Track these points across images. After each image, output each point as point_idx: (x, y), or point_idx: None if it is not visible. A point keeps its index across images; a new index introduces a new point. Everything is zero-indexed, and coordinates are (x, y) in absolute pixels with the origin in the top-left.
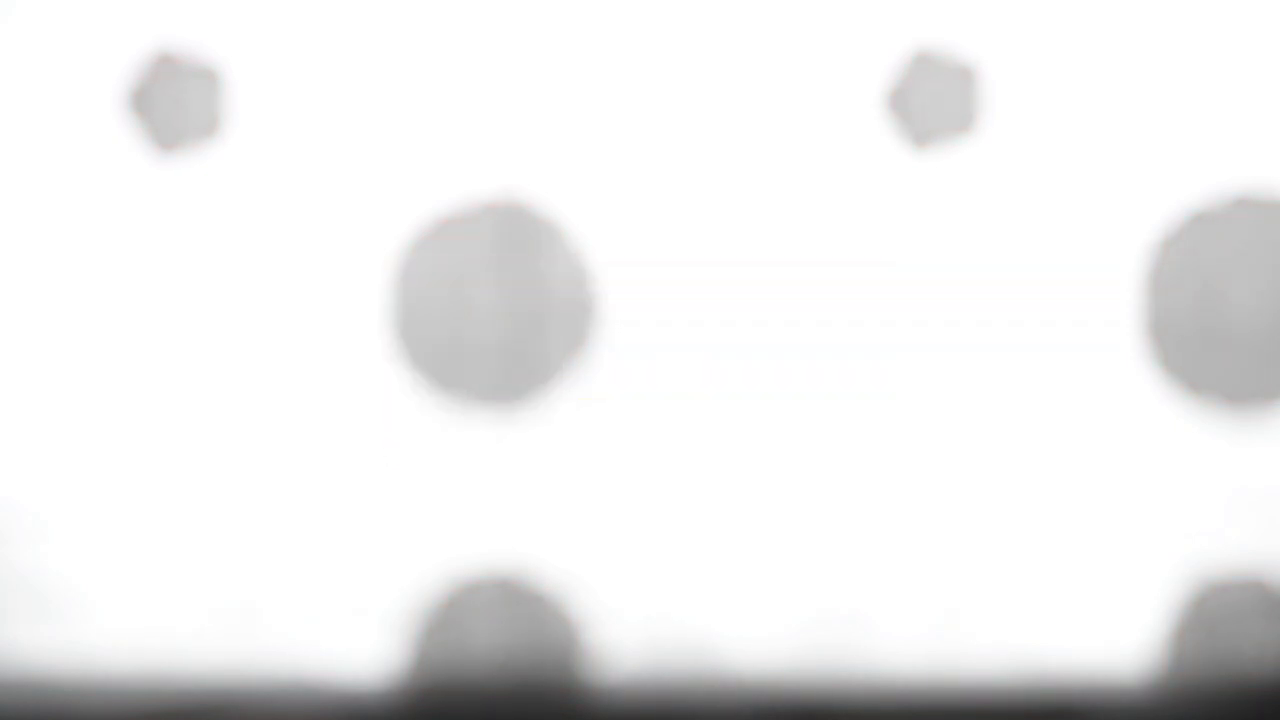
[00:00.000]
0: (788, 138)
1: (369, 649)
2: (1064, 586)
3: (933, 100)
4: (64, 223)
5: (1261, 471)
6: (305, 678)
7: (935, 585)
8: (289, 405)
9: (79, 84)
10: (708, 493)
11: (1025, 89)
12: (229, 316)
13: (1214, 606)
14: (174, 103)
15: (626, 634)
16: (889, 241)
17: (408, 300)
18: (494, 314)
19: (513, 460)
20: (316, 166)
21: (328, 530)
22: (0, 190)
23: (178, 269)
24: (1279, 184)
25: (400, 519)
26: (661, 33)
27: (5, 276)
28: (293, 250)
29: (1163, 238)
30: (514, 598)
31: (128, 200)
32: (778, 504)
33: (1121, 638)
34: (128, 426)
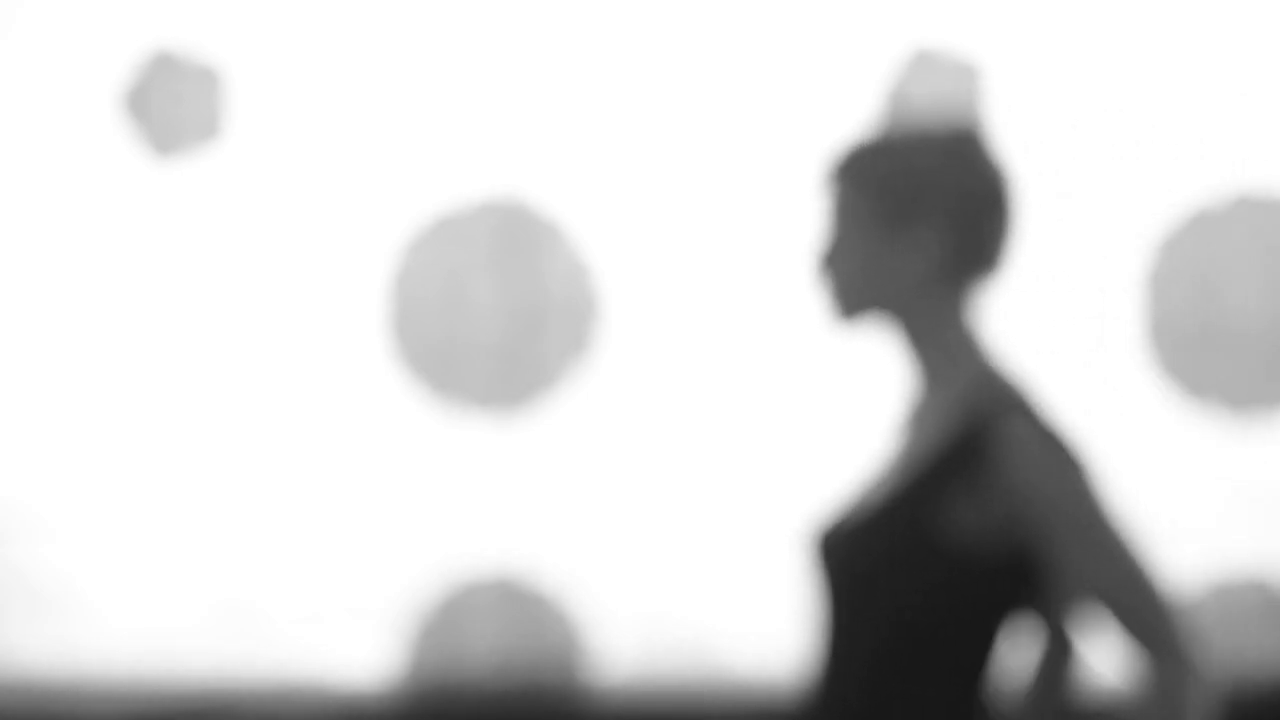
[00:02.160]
0: (787, 138)
1: (368, 650)
2: None
3: (922, 100)
4: (63, 223)
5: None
6: (305, 678)
7: None
8: (288, 406)
9: (79, 84)
10: (706, 494)
11: (1024, 89)
12: (228, 317)
13: (1217, 607)
14: (174, 103)
15: (625, 635)
16: None
17: (406, 300)
18: (493, 314)
19: (512, 462)
20: (316, 167)
21: (327, 532)
22: (0, 190)
23: (177, 269)
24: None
25: (399, 520)
26: (660, 37)
27: (5, 276)
28: (292, 250)
29: (1164, 238)
30: (513, 598)
31: (127, 201)
32: (775, 505)
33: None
34: (127, 427)
